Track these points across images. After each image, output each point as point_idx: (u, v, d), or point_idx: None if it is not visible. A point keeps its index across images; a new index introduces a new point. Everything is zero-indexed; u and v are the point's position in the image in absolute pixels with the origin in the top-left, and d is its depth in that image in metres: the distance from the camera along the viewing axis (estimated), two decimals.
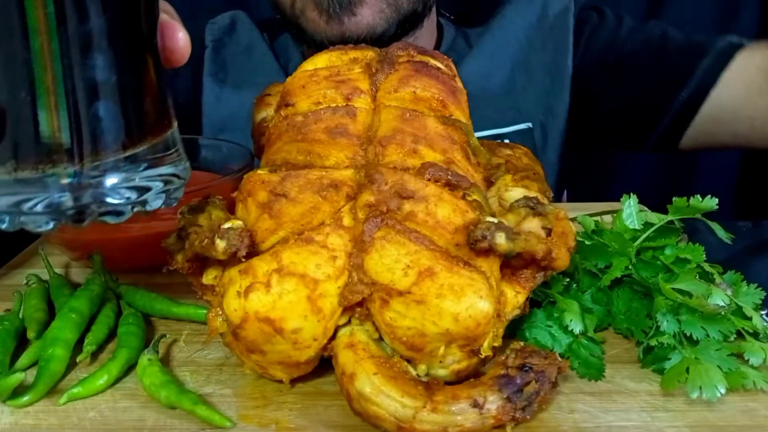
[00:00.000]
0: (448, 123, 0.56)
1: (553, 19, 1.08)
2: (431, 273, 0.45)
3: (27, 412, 0.51)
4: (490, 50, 1.08)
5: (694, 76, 0.98)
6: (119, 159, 0.43)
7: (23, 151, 0.41)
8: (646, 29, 1.06)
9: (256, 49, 1.15)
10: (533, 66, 1.08)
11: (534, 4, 1.09)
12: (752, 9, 1.56)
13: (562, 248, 0.51)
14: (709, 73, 0.97)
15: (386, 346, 0.49)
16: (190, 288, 0.54)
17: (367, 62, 0.61)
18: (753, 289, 0.56)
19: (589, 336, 0.56)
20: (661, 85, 1.01)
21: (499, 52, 1.08)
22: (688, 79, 0.99)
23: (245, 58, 1.15)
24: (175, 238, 0.51)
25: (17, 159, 0.41)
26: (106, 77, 0.41)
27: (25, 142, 0.41)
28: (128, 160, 0.43)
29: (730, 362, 0.51)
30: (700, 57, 0.98)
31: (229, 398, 0.52)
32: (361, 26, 0.94)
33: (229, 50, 1.15)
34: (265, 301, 0.46)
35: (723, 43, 0.98)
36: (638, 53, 1.04)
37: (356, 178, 0.51)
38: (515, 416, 0.45)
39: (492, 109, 1.07)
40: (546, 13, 1.08)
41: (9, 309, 0.63)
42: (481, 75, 1.06)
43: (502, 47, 1.08)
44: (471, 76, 1.04)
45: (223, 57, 1.15)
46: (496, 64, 1.08)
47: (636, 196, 0.66)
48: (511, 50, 1.08)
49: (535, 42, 1.08)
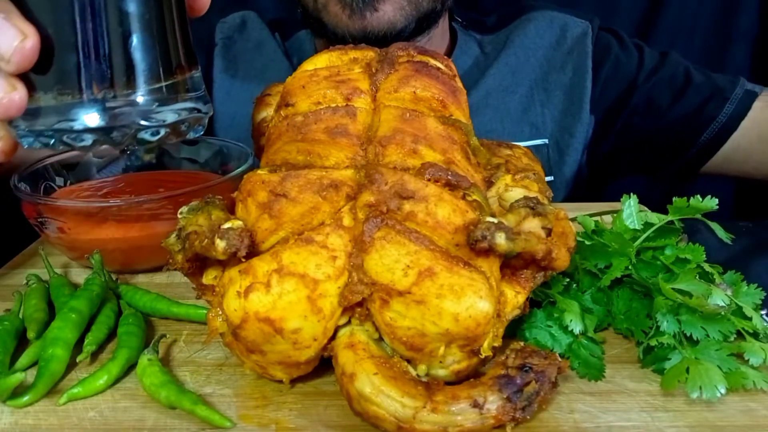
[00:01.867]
0: (448, 123, 0.56)
1: (572, 42, 1.12)
2: (431, 273, 0.45)
3: (27, 412, 0.51)
4: (512, 66, 1.12)
5: (716, 121, 1.05)
6: (151, 88, 0.50)
7: (67, 78, 0.48)
8: (668, 67, 1.11)
9: (266, 46, 1.17)
10: (552, 85, 1.12)
11: (553, 25, 1.13)
12: (752, 9, 1.56)
13: (562, 248, 0.51)
14: (732, 120, 1.04)
15: (386, 346, 0.49)
16: (190, 288, 0.54)
17: (367, 62, 0.61)
18: (753, 289, 0.56)
19: (589, 336, 0.56)
20: (683, 127, 1.08)
21: (519, 68, 1.12)
22: (710, 124, 1.05)
23: (256, 54, 1.17)
24: (175, 238, 0.51)
25: (61, 85, 0.48)
26: (140, 12, 0.48)
27: (69, 70, 0.48)
28: (158, 90, 0.50)
29: (730, 362, 0.51)
30: (723, 103, 1.05)
31: (229, 398, 0.52)
32: (382, 22, 0.96)
33: (240, 47, 1.17)
34: (265, 301, 0.46)
35: (742, 91, 1.05)
36: (662, 95, 1.09)
37: (356, 178, 0.51)
38: (515, 416, 0.45)
39: (510, 122, 1.11)
40: (565, 36, 1.13)
41: (9, 309, 0.63)
42: (502, 89, 1.11)
43: (523, 64, 1.12)
44: (492, 89, 1.10)
45: (234, 53, 1.17)
46: (517, 80, 1.12)
47: (636, 196, 0.66)
48: (531, 68, 1.12)
49: (555, 62, 1.12)
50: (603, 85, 1.11)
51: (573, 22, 1.13)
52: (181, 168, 0.91)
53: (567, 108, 1.11)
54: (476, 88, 1.10)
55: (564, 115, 1.11)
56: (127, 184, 0.85)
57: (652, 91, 1.09)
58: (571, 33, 1.13)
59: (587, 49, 1.11)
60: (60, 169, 0.85)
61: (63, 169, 0.85)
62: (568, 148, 1.12)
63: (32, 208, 0.73)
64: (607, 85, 1.11)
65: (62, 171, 0.85)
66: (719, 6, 1.56)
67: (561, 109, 1.12)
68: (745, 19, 1.57)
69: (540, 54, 1.12)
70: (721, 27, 1.58)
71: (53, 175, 0.84)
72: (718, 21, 1.57)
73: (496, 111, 1.10)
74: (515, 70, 1.12)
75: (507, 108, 1.10)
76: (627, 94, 1.10)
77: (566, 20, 1.14)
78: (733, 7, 1.56)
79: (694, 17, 1.57)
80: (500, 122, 1.10)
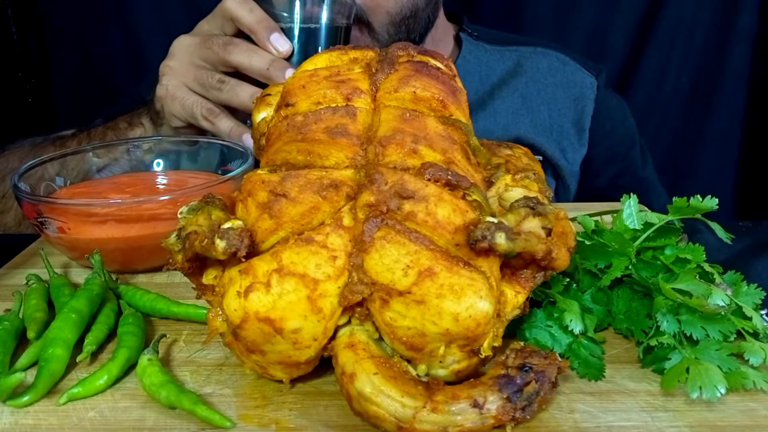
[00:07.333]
0: (448, 123, 0.56)
1: (578, 93, 1.25)
2: (431, 273, 0.45)
3: (27, 412, 0.51)
4: (521, 92, 1.24)
5: None
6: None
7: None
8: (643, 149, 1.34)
9: None
10: (555, 121, 1.24)
11: (566, 69, 1.27)
12: (752, 9, 1.56)
13: (562, 248, 0.51)
14: None
15: (386, 346, 0.49)
16: (190, 288, 0.54)
17: (367, 62, 0.61)
18: (753, 289, 0.56)
19: (589, 336, 0.56)
20: None
21: (529, 96, 1.24)
22: None
23: None
24: (175, 238, 0.51)
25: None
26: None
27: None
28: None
29: (730, 362, 0.51)
30: None
31: (229, 398, 0.52)
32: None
33: None
34: (265, 301, 0.46)
35: None
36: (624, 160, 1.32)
37: (356, 178, 0.51)
38: (515, 416, 0.45)
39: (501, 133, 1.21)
40: (574, 83, 1.26)
41: (9, 309, 0.63)
42: (512, 110, 1.22)
43: (533, 95, 1.24)
44: (502, 116, 1.21)
45: None
46: (528, 106, 1.23)
47: (636, 196, 0.66)
48: (540, 99, 1.24)
49: (559, 102, 1.25)
50: (590, 138, 1.26)
51: (582, 73, 1.27)
52: (181, 168, 0.91)
53: (569, 138, 1.25)
54: (484, 109, 1.20)
55: (567, 144, 1.24)
56: (127, 184, 0.85)
57: (625, 158, 1.30)
58: (580, 84, 1.26)
59: (589, 108, 1.25)
60: (60, 169, 0.85)
61: (63, 169, 0.85)
62: (566, 172, 1.24)
63: (32, 208, 0.73)
64: (593, 138, 1.26)
65: (62, 171, 0.85)
66: (719, 6, 1.57)
67: (566, 140, 1.24)
68: (745, 18, 1.57)
69: (550, 90, 1.25)
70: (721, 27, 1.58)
71: (53, 175, 0.84)
72: (718, 20, 1.58)
73: (504, 138, 1.17)
74: (525, 96, 1.23)
75: (516, 133, 1.20)
76: (607, 152, 1.28)
77: (577, 69, 1.27)
78: (733, 7, 1.56)
79: (694, 17, 1.58)
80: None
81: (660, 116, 1.65)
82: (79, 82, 1.70)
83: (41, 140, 1.04)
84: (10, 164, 1.02)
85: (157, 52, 0.97)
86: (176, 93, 0.92)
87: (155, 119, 0.98)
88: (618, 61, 1.63)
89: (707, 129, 1.66)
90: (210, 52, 0.89)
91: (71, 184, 0.85)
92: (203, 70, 0.90)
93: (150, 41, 1.63)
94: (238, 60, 0.87)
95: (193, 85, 0.91)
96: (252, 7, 0.87)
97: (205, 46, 0.89)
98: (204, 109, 0.90)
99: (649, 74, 1.62)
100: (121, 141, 0.93)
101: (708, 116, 1.65)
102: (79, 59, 1.69)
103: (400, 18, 1.05)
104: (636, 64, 1.63)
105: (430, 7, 1.11)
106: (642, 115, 1.52)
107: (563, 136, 1.24)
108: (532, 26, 1.61)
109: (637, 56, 1.62)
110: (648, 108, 1.62)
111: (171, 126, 0.96)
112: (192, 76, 0.91)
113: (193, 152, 0.91)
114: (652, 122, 1.63)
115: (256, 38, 0.87)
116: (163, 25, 1.60)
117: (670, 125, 1.66)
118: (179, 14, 1.58)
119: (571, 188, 1.26)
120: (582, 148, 1.25)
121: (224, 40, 0.88)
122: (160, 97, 0.94)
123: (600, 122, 1.26)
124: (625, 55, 1.63)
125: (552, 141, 1.22)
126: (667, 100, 1.64)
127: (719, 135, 1.66)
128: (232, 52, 0.87)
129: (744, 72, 1.62)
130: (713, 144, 1.67)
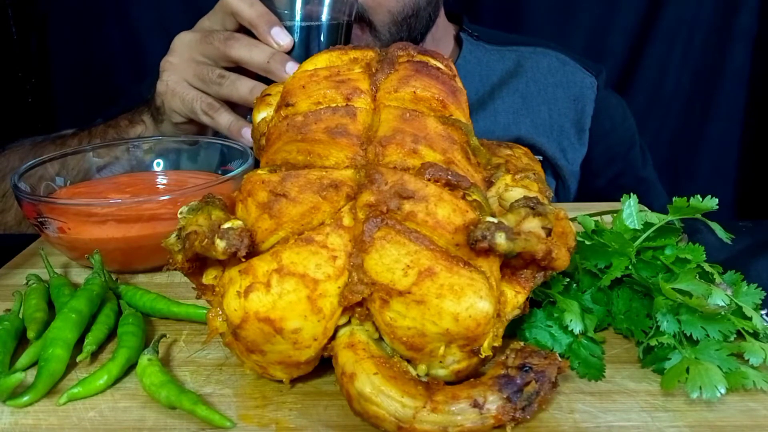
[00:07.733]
0: (448, 123, 0.56)
1: (578, 93, 1.26)
2: (431, 273, 0.45)
3: (27, 412, 0.51)
4: (521, 92, 1.24)
5: None
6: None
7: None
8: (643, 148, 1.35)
9: None
10: (555, 121, 1.24)
11: (566, 69, 1.27)
12: (752, 9, 1.56)
13: (562, 248, 0.51)
14: None
15: (386, 346, 0.49)
16: (190, 288, 0.54)
17: (367, 62, 0.61)
18: (753, 289, 0.56)
19: (589, 336, 0.56)
20: None
21: (530, 96, 1.24)
22: None
23: None
24: (175, 238, 0.51)
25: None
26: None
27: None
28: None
29: (730, 362, 0.51)
30: None
31: (229, 398, 0.52)
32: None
33: None
34: (265, 301, 0.46)
35: None
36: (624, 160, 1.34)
37: (356, 178, 0.51)
38: (515, 416, 0.45)
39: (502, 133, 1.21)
40: (574, 83, 1.26)
41: (9, 309, 0.63)
42: (513, 111, 1.23)
43: (533, 95, 1.25)
44: (502, 116, 1.22)
45: None
46: (528, 106, 1.24)
47: (636, 196, 0.66)
48: (540, 99, 1.25)
49: (559, 102, 1.25)
50: (590, 138, 1.26)
51: (582, 74, 1.27)
52: (181, 168, 0.91)
53: (569, 138, 1.25)
54: (484, 109, 1.21)
55: (567, 143, 1.25)
56: (127, 184, 0.85)
57: (625, 158, 1.31)
58: (580, 84, 1.26)
59: (589, 108, 1.26)
60: (60, 169, 0.85)
61: (63, 168, 0.85)
62: (566, 172, 1.24)
63: (32, 208, 0.73)
64: (593, 138, 1.26)
65: (62, 171, 0.85)
66: (719, 5, 1.56)
67: (566, 139, 1.25)
68: (745, 18, 1.57)
69: (550, 90, 1.25)
70: (721, 27, 1.58)
71: (53, 175, 0.84)
72: (718, 20, 1.58)
73: (504, 138, 1.18)
74: (525, 96, 1.24)
75: (517, 133, 1.21)
76: (607, 152, 1.29)
77: (577, 69, 1.27)
78: (733, 7, 1.56)
79: (694, 17, 1.57)
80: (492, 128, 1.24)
81: (660, 116, 1.65)
82: (79, 82, 1.70)
83: (42, 139, 1.04)
84: (11, 163, 1.03)
85: (157, 52, 0.97)
86: (176, 88, 0.92)
87: (156, 116, 0.97)
88: (618, 61, 1.63)
89: (707, 129, 1.66)
90: (211, 47, 0.89)
91: (71, 184, 0.85)
92: (203, 65, 0.90)
93: (150, 41, 1.63)
94: (238, 54, 0.87)
95: (193, 80, 0.91)
96: (253, 2, 0.87)
97: (206, 42, 0.89)
98: (204, 104, 0.90)
99: (649, 74, 1.62)
100: (122, 141, 0.93)
101: (708, 116, 1.65)
102: (79, 59, 1.69)
103: (401, 17, 1.05)
104: (636, 64, 1.63)
105: (431, 7, 1.11)
106: (642, 115, 1.52)
107: (563, 136, 1.24)
108: (532, 26, 1.61)
109: (637, 56, 1.62)
110: (648, 108, 1.62)
111: (172, 122, 0.96)
112: (192, 72, 0.91)
113: (193, 152, 0.91)
114: (652, 122, 1.63)
115: (256, 32, 0.87)
116: (163, 24, 1.60)
117: (670, 125, 1.66)
118: (179, 14, 1.58)
119: (571, 188, 1.26)
120: (582, 148, 1.25)
121: (225, 35, 0.88)
122: (160, 93, 0.94)
123: (600, 122, 1.26)
124: (625, 55, 1.63)
125: (552, 141, 1.23)
126: (667, 100, 1.64)
127: (719, 135, 1.66)
128: (232, 46, 0.87)
129: (744, 72, 1.62)
130: (713, 144, 1.66)
